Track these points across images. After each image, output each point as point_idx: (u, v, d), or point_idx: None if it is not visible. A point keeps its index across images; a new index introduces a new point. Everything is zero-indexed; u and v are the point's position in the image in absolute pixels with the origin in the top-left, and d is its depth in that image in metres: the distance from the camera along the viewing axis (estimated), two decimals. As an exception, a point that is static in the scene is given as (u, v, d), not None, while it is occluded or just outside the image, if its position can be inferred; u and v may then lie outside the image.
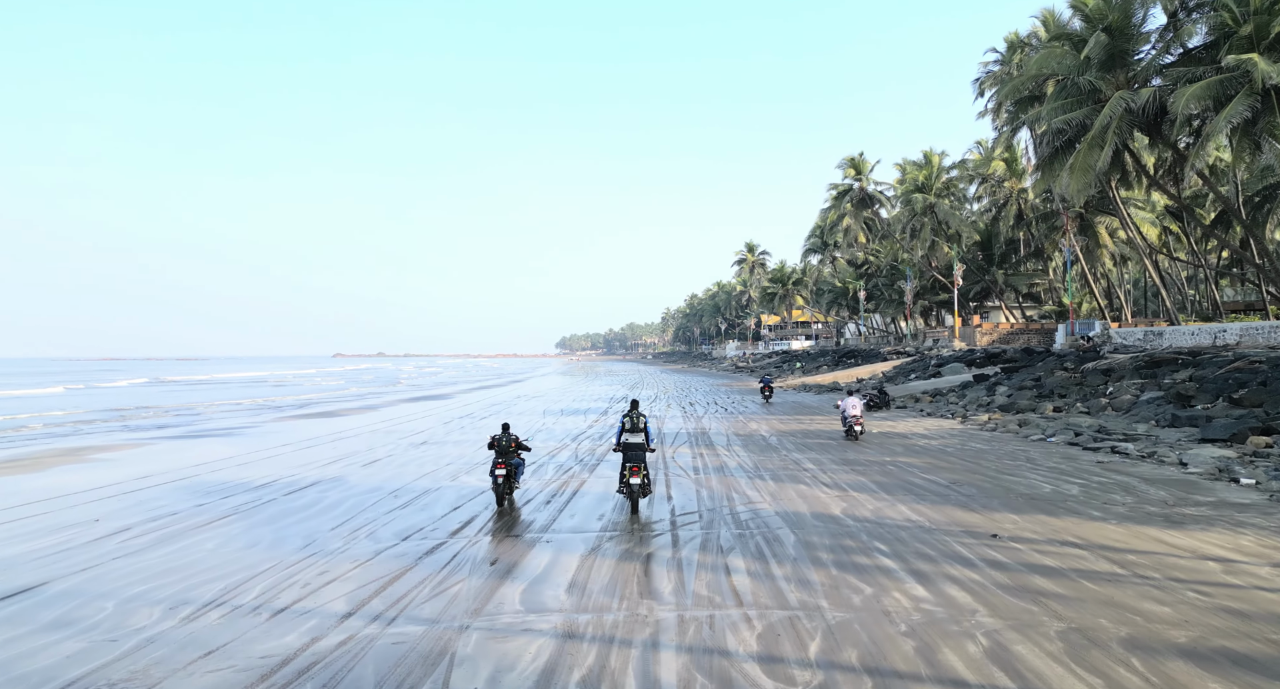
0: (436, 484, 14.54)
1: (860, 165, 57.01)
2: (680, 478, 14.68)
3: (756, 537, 9.83)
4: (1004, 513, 10.82)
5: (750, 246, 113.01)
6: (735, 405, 34.77)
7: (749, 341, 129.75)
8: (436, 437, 23.22)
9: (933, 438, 20.10)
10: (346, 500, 13.01)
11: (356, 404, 41.26)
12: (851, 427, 19.62)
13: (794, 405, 33.95)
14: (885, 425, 23.54)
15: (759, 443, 20.07)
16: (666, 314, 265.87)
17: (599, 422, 27.16)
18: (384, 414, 33.42)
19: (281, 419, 31.99)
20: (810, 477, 14.47)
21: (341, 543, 9.97)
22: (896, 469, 15.07)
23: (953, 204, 50.94)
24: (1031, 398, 25.17)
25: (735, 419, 27.61)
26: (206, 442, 23.12)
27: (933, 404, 29.51)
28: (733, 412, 31.11)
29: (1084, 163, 24.62)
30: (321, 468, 16.92)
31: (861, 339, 70.46)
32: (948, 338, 50.83)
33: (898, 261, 64.79)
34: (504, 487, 11.83)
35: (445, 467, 16.89)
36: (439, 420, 29.17)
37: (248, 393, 55.41)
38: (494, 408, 35.35)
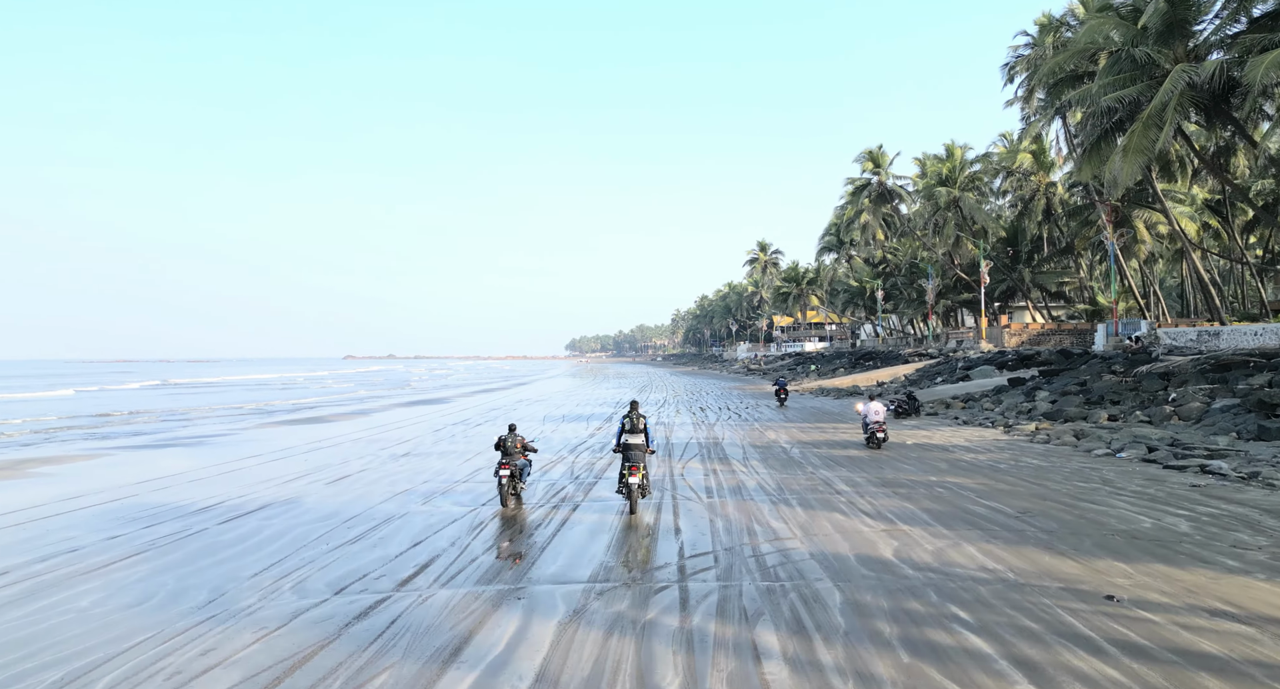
0: (404, 508, 12.35)
1: (879, 158, 54.47)
2: (691, 502, 12.41)
3: (790, 594, 7.55)
4: (1106, 559, 8.48)
5: (763, 245, 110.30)
6: (749, 411, 32.47)
7: (760, 343, 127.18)
8: (422, 447, 21.08)
9: (978, 451, 17.72)
10: (290, 531, 10.83)
11: (350, 409, 39.25)
12: (874, 433, 18.11)
13: (813, 411, 31.60)
14: (920, 435, 21.17)
15: (779, 456, 17.78)
16: (676, 315, 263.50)
17: (602, 430, 24.94)
18: (375, 420, 31.34)
19: (266, 425, 29.99)
20: (846, 502, 12.17)
21: (256, 598, 7.77)
22: (947, 492, 12.73)
23: (978, 198, 48.34)
24: (1080, 405, 22.72)
25: (750, 427, 25.32)
26: (171, 452, 21.07)
27: (966, 411, 27.09)
28: (747, 418, 28.81)
29: (1139, 144, 22.21)
30: (280, 486, 14.79)
31: (879, 341, 67.91)
32: (973, 339, 48.28)
33: (917, 260, 62.21)
34: (508, 487, 11.87)
35: (421, 485, 14.73)
36: (429, 428, 27.05)
37: (250, 396, 53.58)
38: (492, 414, 33.22)
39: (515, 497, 12.18)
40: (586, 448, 20.19)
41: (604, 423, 27.54)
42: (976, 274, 52.46)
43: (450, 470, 16.58)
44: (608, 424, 26.95)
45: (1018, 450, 17.50)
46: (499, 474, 11.84)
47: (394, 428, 27.45)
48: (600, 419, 29.20)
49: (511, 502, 12.09)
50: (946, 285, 55.55)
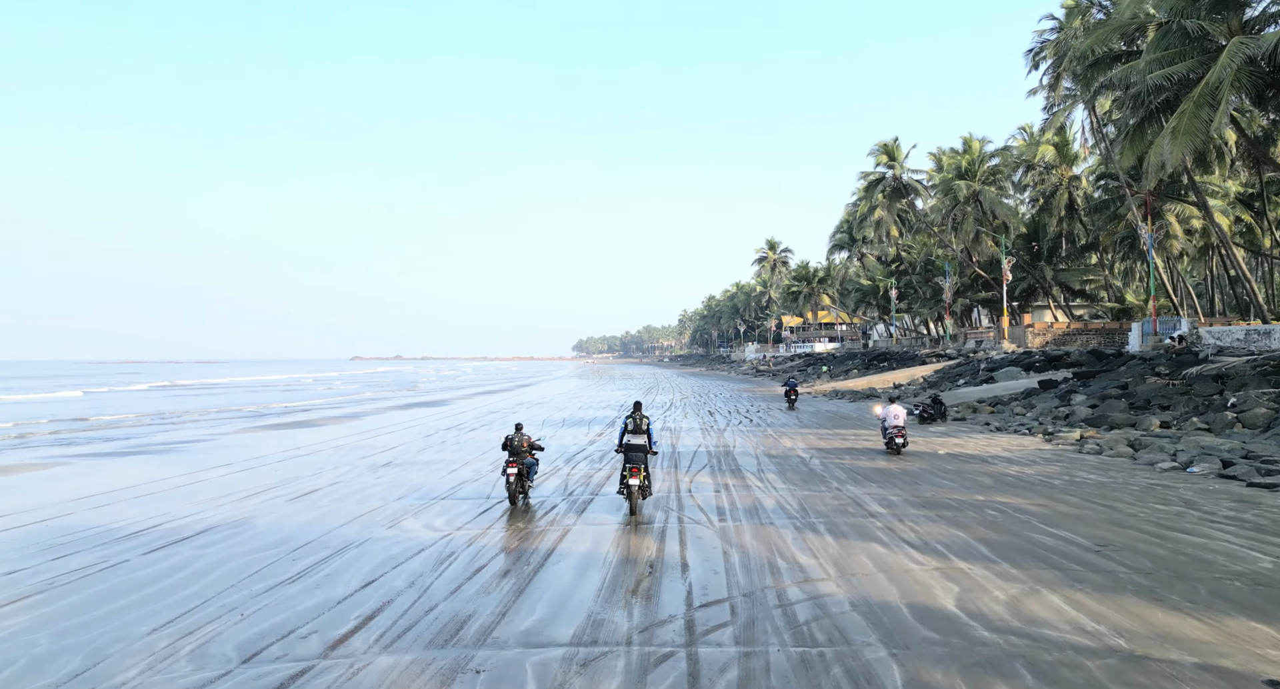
0: (365, 534, 10.60)
1: (894, 151, 52.47)
2: (700, 527, 10.61)
3: (834, 668, 5.74)
4: (1236, 616, 6.63)
5: (771, 244, 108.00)
6: (760, 414, 30.61)
7: (769, 344, 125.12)
8: (407, 455, 19.36)
9: (1022, 463, 15.84)
10: (222, 565, 9.09)
11: (343, 411, 37.63)
12: (893, 438, 17.03)
13: (828, 415, 29.73)
14: (951, 444, 19.28)
15: (798, 468, 15.95)
16: (683, 316, 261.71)
17: (603, 436, 23.17)
18: (365, 424, 29.67)
19: (250, 430, 28.36)
20: (883, 528, 10.34)
21: (138, 670, 6.02)
22: (1001, 516, 10.88)
23: (999, 192, 46.24)
24: (1124, 410, 20.78)
25: (763, 433, 23.48)
26: (134, 461, 19.40)
27: (996, 415, 25.17)
28: (759, 423, 26.96)
29: (1189, 126, 20.24)
30: (236, 503, 13.08)
31: (893, 341, 65.82)
32: (993, 339, 46.25)
33: (933, 257, 60.18)
34: (516, 486, 11.95)
35: (395, 501, 12.99)
36: (420, 433, 25.33)
37: (249, 399, 51.96)
38: (489, 417, 31.49)
39: (523, 494, 12.30)
40: (585, 457, 18.42)
41: (605, 428, 25.75)
42: (996, 272, 50.42)
43: (430, 484, 14.84)
44: (610, 430, 25.16)
45: (1068, 463, 15.60)
46: (506, 473, 11.92)
47: (382, 433, 25.75)
48: (602, 424, 27.42)
49: (520, 500, 12.18)
50: (964, 283, 53.46)
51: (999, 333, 45.21)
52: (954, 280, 51.76)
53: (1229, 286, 51.52)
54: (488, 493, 13.68)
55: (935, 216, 48.16)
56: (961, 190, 45.57)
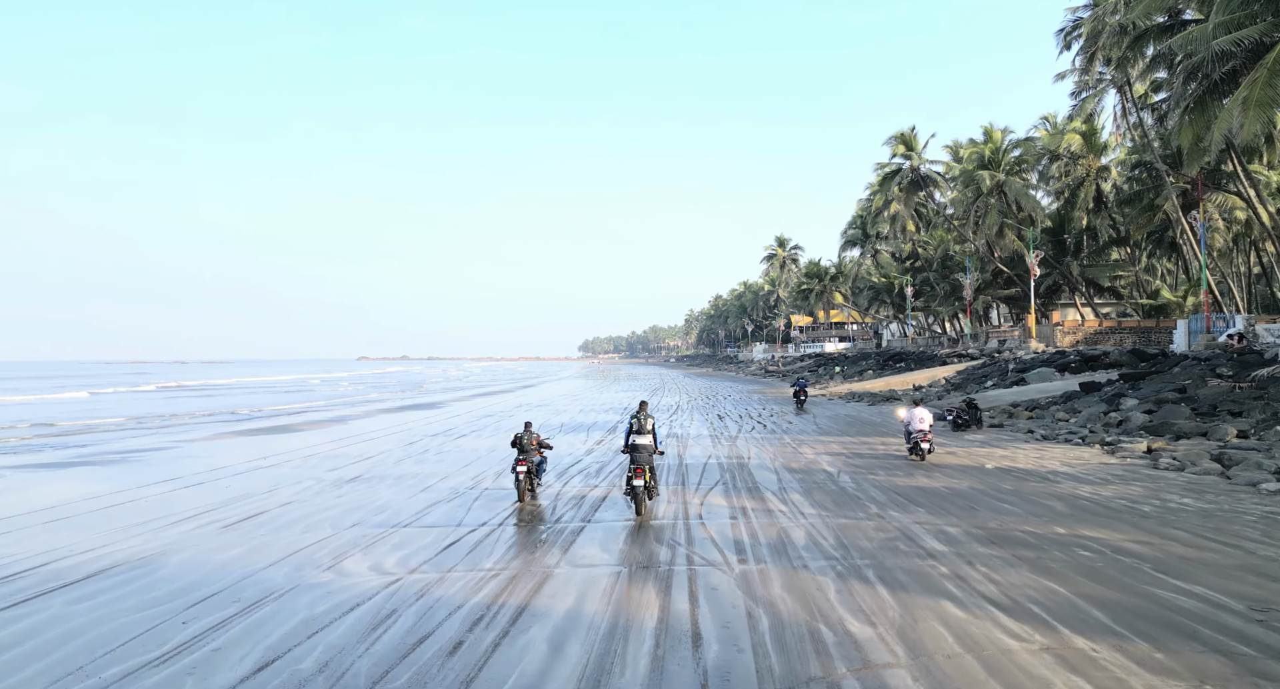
0: (294, 578, 8.43)
1: (911, 141, 49.93)
2: (715, 573, 8.37)
3: None
4: None
5: (781, 241, 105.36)
6: (774, 419, 28.33)
7: (778, 344, 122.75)
8: (381, 467, 17.22)
9: (1091, 481, 13.53)
10: (88, 631, 6.92)
11: (331, 415, 35.57)
12: (918, 444, 15.94)
13: (848, 420, 27.42)
14: (997, 455, 16.97)
15: (826, 486, 13.70)
16: (690, 316, 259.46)
17: (603, 444, 20.97)
18: (348, 429, 27.55)
19: (223, 435, 26.29)
20: (951, 575, 8.07)
21: None
22: (1098, 558, 8.59)
23: (1025, 183, 43.68)
24: (1189, 417, 18.43)
25: (780, 441, 21.21)
26: (71, 474, 17.28)
27: (1036, 421, 22.84)
28: (774, 429, 24.69)
29: (1263, 96, 17.91)
30: (154, 533, 10.92)
31: (908, 340, 63.38)
32: (1018, 338, 43.82)
33: (950, 253, 57.79)
34: (525, 483, 12.21)
35: (347, 530, 10.83)
36: (403, 440, 23.18)
37: (243, 401, 49.91)
38: (483, 421, 29.34)
39: (531, 492, 12.46)
40: (580, 469, 16.22)
41: (606, 434, 23.54)
42: (1019, 267, 48.03)
43: (396, 505, 12.66)
44: (611, 436, 22.96)
45: (1148, 482, 13.28)
46: (516, 471, 12.22)
47: (363, 440, 23.62)
48: (603, 429, 25.21)
49: (528, 497, 12.38)
50: (985, 280, 50.96)
51: (1024, 332, 42.78)
52: (975, 276, 49.28)
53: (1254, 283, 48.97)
54: (459, 518, 11.50)
55: (956, 209, 45.56)
56: (985, 181, 43.08)
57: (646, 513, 11.09)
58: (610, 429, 25.40)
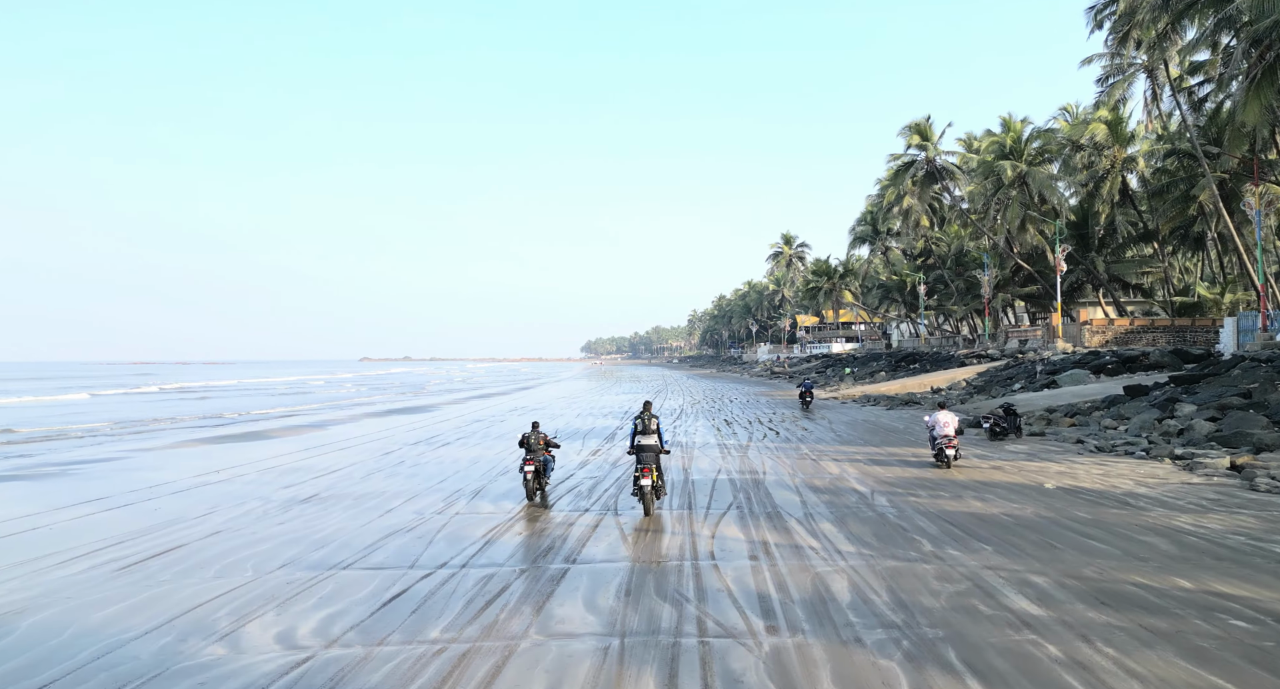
0: (166, 658, 6.25)
1: (926, 131, 47.47)
2: (737, 652, 6.13)
3: None
4: None
5: (787, 238, 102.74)
6: (786, 425, 26.09)
7: (783, 344, 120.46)
8: (343, 484, 15.06)
9: (1183, 508, 11.27)
10: None
11: (312, 419, 33.44)
12: (942, 450, 15.02)
13: (868, 427, 25.15)
14: (1053, 471, 14.71)
15: (861, 511, 11.48)
16: (693, 316, 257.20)
17: (600, 454, 18.78)
18: (324, 436, 25.39)
19: (184, 444, 24.14)
20: (1068, 662, 5.81)
21: None
22: (1266, 633, 6.33)
23: (1050, 173, 41.21)
24: (1266, 427, 16.16)
25: (797, 451, 18.98)
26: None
27: (1079, 429, 20.58)
28: (788, 437, 22.44)
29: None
30: (35, 575, 8.80)
31: (921, 340, 60.99)
32: (1042, 338, 41.51)
33: (965, 249, 55.44)
34: (533, 483, 12.21)
35: (273, 572, 8.67)
36: (379, 449, 21.01)
37: (230, 404, 47.75)
38: (472, 427, 27.18)
39: (541, 491, 12.41)
40: (571, 488, 14.02)
41: (604, 443, 21.35)
42: (1040, 263, 45.73)
43: (345, 535, 10.49)
44: (609, 445, 20.77)
45: (1256, 509, 11.00)
46: (524, 470, 12.20)
47: (336, 449, 21.46)
48: (600, 436, 23.01)
49: (537, 497, 12.34)
50: (1004, 277, 48.59)
51: (1049, 331, 40.46)
52: (993, 273, 46.90)
53: None
54: (415, 556, 9.32)
55: (974, 203, 43.02)
56: (1006, 172, 40.67)
57: (654, 515, 11.16)
58: (608, 436, 23.20)
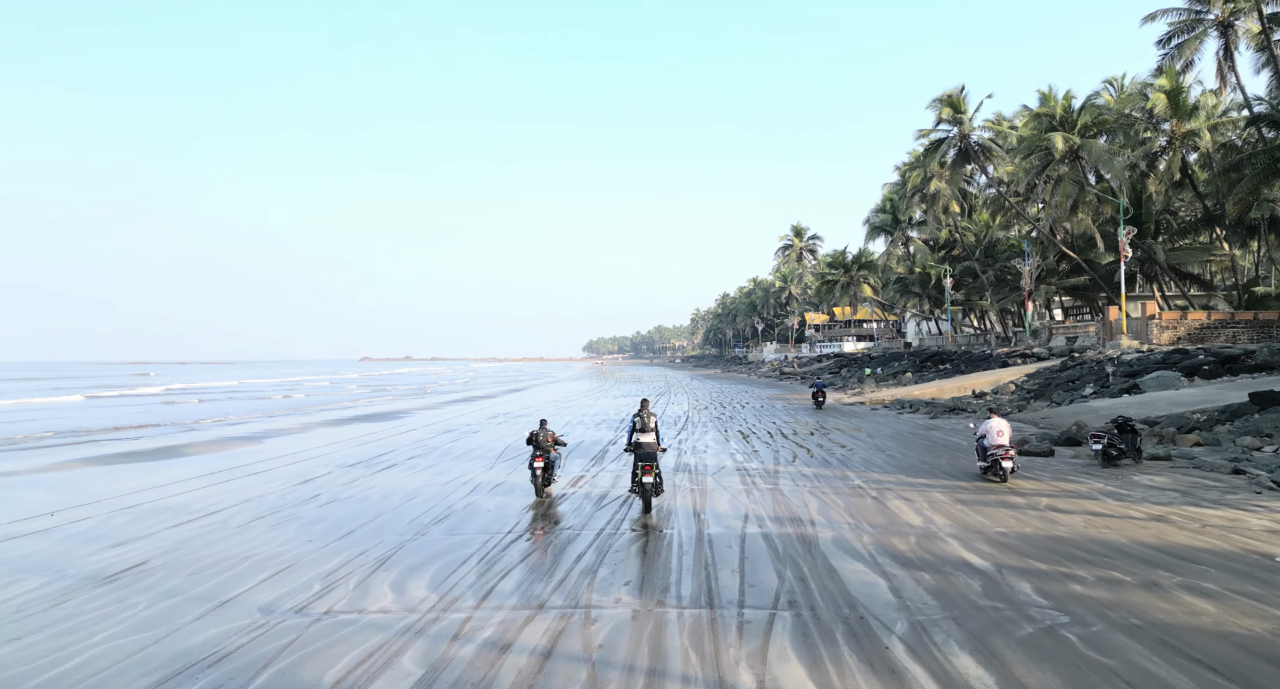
0: None
1: (958, 104, 42.10)
2: None
3: None
4: None
5: (798, 230, 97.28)
6: (817, 438, 21.24)
7: (790, 344, 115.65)
8: (207, 537, 10.41)
9: None
10: None
11: (258, 428, 28.70)
12: (998, 462, 12.98)
13: (921, 441, 20.24)
14: (1255, 527, 9.85)
15: (1007, 622, 6.69)
16: (696, 315, 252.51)
17: (585, 482, 13.99)
18: (251, 453, 20.63)
19: (66, 465, 19.44)
20: None
21: None
22: None
23: (1107, 147, 36.05)
24: None
25: (846, 483, 14.13)
26: None
27: (1211, 450, 15.73)
28: (825, 457, 17.57)
29: None
30: None
31: (947, 338, 56.04)
32: (1097, 334, 36.65)
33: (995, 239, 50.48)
34: (541, 479, 12.38)
35: None
36: (303, 474, 16.25)
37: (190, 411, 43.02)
38: (436, 441, 22.43)
39: (548, 486, 12.59)
40: (524, 559, 9.20)
41: (590, 465, 16.56)
42: (1089, 251, 40.76)
43: (110, 655, 5.66)
44: (596, 468, 15.97)
45: None
46: (533, 466, 12.41)
47: (246, 474, 16.70)
48: (587, 455, 18.20)
49: (544, 493, 12.53)
50: (1049, 266, 43.53)
51: (1106, 326, 35.58)
52: (1035, 262, 41.94)
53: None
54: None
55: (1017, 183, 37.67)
56: (1056, 144, 35.65)
57: (653, 514, 11.18)
58: (597, 456, 18.42)
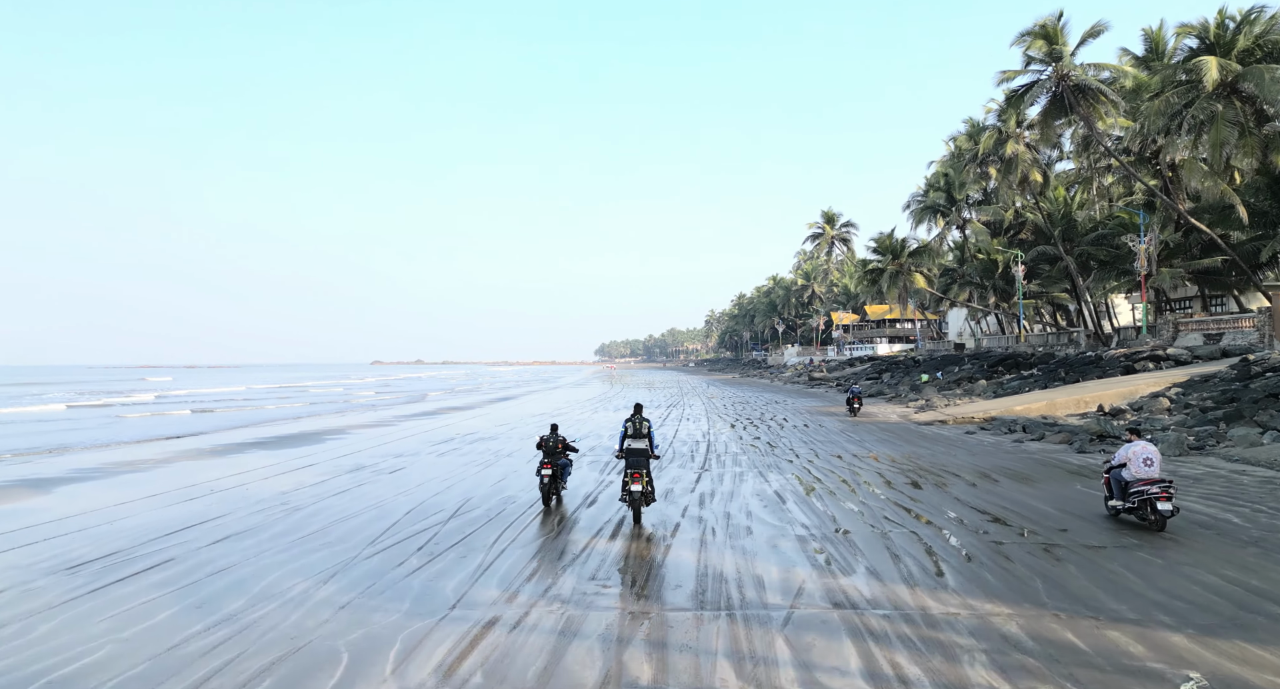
0: None
1: (1054, 35, 32.25)
2: None
3: None
4: None
5: (829, 217, 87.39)
6: (978, 498, 12.57)
7: (815, 345, 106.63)
8: None
9: None
10: None
11: (155, 453, 20.47)
12: (1153, 502, 9.67)
13: (1083, 514, 11.50)
14: None
15: None
16: (710, 317, 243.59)
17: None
18: (128, 486, 12.30)
19: None
20: None
21: None
22: None
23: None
24: None
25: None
26: None
27: None
28: (1027, 568, 8.91)
29: None
30: None
31: (1019, 338, 46.75)
32: (1258, 328, 27.73)
33: (1074, 220, 41.42)
34: (550, 486, 12.02)
35: None
36: (59, 557, 7.81)
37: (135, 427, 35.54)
38: (314, 493, 13.98)
39: (556, 496, 12.24)
40: None
41: (546, 545, 7.99)
42: (1228, 223, 31.64)
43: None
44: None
45: None
46: (541, 474, 11.99)
47: (58, 533, 8.28)
48: (575, 499, 9.66)
49: (553, 502, 12.14)
50: (1177, 242, 34.22)
51: (1275, 320, 26.62)
52: (1151, 238, 32.78)
53: None
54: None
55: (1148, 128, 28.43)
56: (1210, 70, 26.37)
57: (643, 524, 10.69)
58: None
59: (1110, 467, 10.69)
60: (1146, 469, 10.00)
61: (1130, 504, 10.11)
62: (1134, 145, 32.64)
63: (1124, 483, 10.27)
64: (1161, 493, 9.75)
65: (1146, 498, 9.82)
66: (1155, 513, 9.71)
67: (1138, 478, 10.05)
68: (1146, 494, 9.81)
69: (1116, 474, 10.47)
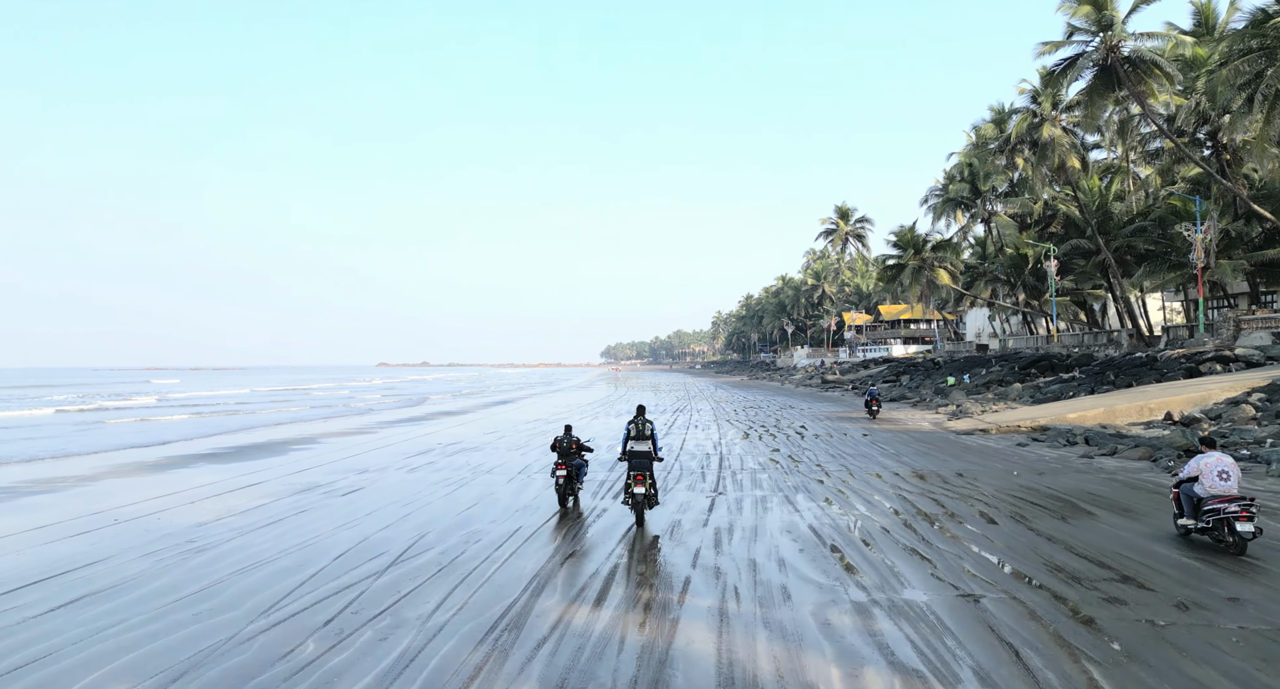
0: None
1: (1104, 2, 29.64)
2: None
3: None
4: None
5: (843, 212, 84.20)
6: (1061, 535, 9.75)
7: (826, 347, 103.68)
8: None
9: None
10: None
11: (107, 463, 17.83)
12: (1231, 522, 8.66)
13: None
14: None
15: None
16: (717, 318, 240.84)
17: None
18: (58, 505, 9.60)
19: None
20: None
21: None
22: None
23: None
24: None
25: None
26: None
27: None
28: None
29: None
30: None
31: (1052, 338, 43.57)
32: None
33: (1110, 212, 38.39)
34: (566, 488, 11.79)
35: None
36: None
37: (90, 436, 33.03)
38: (291, 507, 11.24)
39: (573, 496, 12.04)
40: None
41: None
42: None
43: None
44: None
45: None
46: (556, 475, 11.73)
47: None
48: (521, 582, 6.87)
49: (570, 501, 11.95)
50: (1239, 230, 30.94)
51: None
52: (1209, 227, 29.64)
53: None
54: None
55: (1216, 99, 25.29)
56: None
57: (647, 527, 10.44)
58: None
59: (1180, 480, 9.63)
60: (1222, 484, 8.95)
61: (1204, 523, 9.10)
62: (1188, 125, 29.64)
63: (1196, 499, 9.24)
64: (1242, 512, 8.71)
65: (1223, 517, 8.81)
66: (1235, 534, 8.71)
67: (1213, 494, 9.01)
68: (1223, 513, 8.77)
69: (1187, 489, 9.40)
